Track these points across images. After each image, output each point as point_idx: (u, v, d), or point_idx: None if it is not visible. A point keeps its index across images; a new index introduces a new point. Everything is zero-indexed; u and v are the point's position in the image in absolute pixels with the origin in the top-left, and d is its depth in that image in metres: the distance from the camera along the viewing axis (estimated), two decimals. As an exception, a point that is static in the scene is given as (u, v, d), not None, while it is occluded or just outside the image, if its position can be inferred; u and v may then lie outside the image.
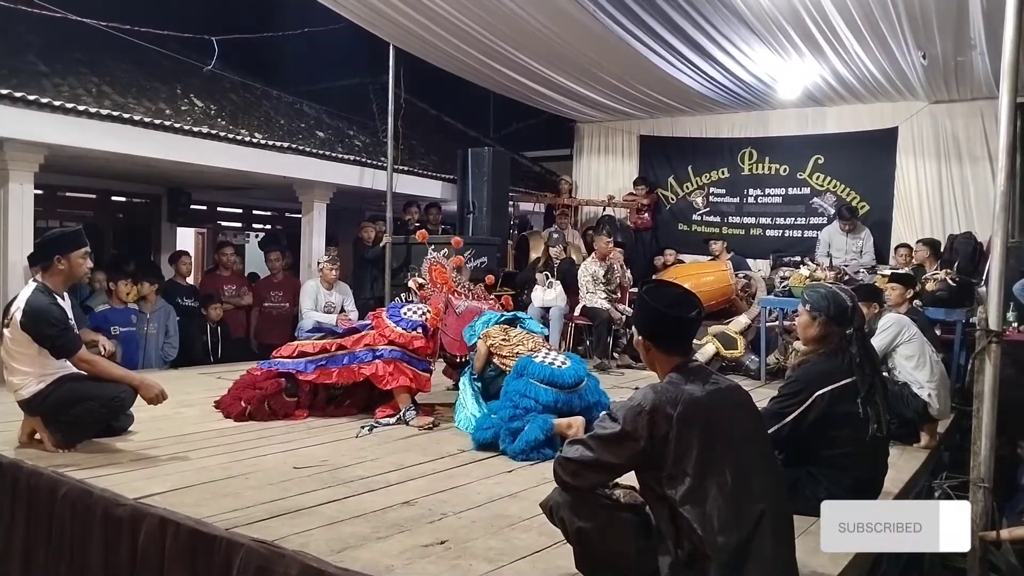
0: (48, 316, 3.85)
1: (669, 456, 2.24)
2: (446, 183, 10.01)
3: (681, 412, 2.24)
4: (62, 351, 3.92)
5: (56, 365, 3.98)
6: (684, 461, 2.23)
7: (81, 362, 3.97)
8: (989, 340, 3.69)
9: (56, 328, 3.87)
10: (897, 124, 8.95)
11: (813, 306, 3.40)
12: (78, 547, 3.31)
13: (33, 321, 3.84)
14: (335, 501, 3.32)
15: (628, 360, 7.93)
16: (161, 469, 3.73)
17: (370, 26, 7.83)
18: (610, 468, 2.32)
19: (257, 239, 12.24)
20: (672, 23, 6.88)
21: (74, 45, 7.39)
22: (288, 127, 8.83)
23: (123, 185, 9.59)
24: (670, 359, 2.43)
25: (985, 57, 6.75)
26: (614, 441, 2.27)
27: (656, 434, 2.24)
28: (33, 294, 3.92)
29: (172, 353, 6.90)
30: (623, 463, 2.30)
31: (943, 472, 5.48)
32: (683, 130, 10.47)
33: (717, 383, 2.42)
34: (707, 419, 2.27)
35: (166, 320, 6.91)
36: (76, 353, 3.94)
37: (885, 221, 9.04)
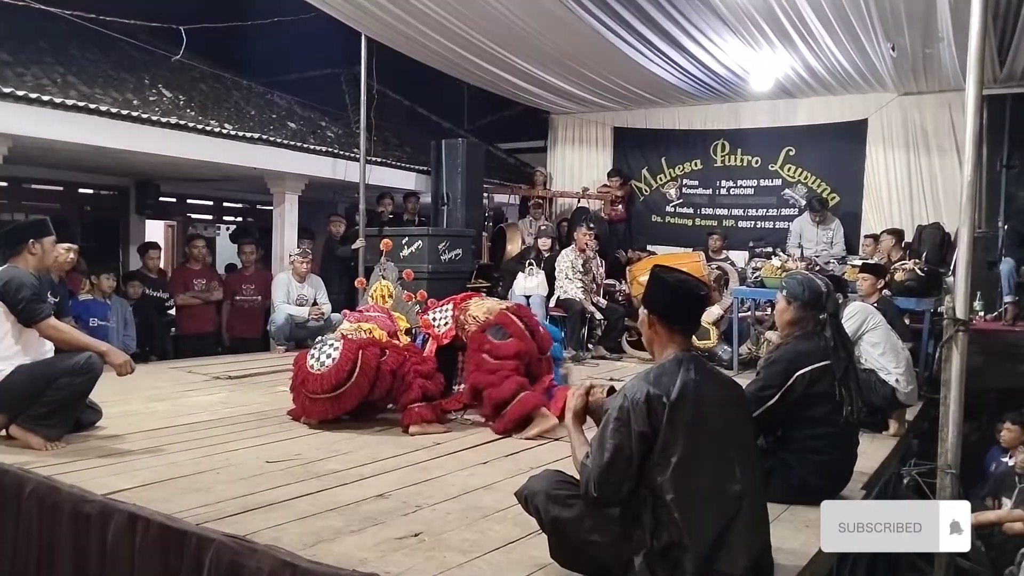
0: (23, 281, 3.88)
1: (658, 443, 2.26)
2: (420, 175, 9.96)
3: (673, 402, 2.26)
4: (33, 315, 3.88)
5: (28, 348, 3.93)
6: (671, 449, 2.25)
7: (50, 328, 3.95)
8: (957, 329, 3.75)
9: (30, 291, 3.88)
10: (867, 116, 9.04)
11: (789, 292, 3.47)
12: (46, 545, 3.25)
13: (7, 287, 3.83)
14: (308, 495, 3.29)
15: (603, 351, 7.95)
16: (130, 464, 3.67)
17: (342, 16, 7.75)
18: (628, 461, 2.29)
19: (228, 232, 12.10)
20: (645, 15, 6.90)
21: (39, 34, 7.25)
22: (259, 118, 8.73)
23: (90, 177, 9.43)
24: (672, 339, 2.46)
25: (952, 49, 6.84)
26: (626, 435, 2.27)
27: (654, 422, 2.26)
28: (4, 269, 3.94)
29: (132, 344, 6.81)
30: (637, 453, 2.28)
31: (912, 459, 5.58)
32: (656, 122, 10.50)
33: (710, 374, 2.44)
34: (696, 410, 2.29)
35: (124, 312, 6.86)
36: (47, 319, 3.93)
37: (855, 212, 9.14)
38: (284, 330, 7.55)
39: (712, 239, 9.22)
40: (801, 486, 3.20)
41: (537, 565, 2.60)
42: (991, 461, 6.06)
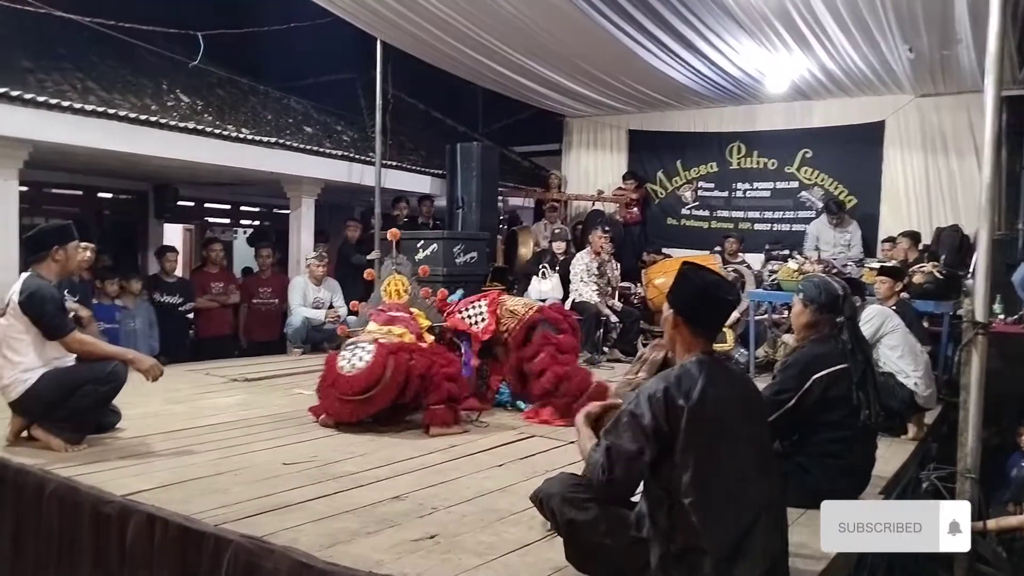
0: (47, 294, 3.90)
1: (678, 445, 2.24)
2: (435, 178, 9.99)
3: (693, 405, 2.24)
4: (57, 330, 3.92)
5: (49, 356, 3.96)
6: (691, 452, 2.23)
7: (75, 342, 3.97)
8: (976, 332, 3.72)
9: (53, 305, 3.91)
10: (884, 118, 8.98)
11: (806, 295, 3.46)
12: (67, 545, 3.29)
13: (31, 300, 3.85)
14: (324, 497, 3.31)
15: (618, 354, 7.94)
16: (149, 466, 3.71)
17: (357, 21, 7.80)
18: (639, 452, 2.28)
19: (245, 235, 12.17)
20: (660, 18, 6.89)
21: (59, 41, 7.33)
22: (275, 122, 8.78)
23: (109, 181, 9.52)
24: (695, 341, 2.43)
25: (971, 51, 6.78)
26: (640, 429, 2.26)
27: (671, 421, 2.24)
28: (29, 279, 3.96)
29: (156, 347, 6.89)
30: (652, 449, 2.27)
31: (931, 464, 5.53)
32: (672, 124, 10.48)
33: (731, 377, 2.43)
34: (716, 413, 2.27)
35: (149, 315, 6.96)
36: (71, 333, 3.96)
37: (872, 214, 9.08)
38: (300, 333, 7.62)
39: (728, 242, 9.18)
40: (818, 490, 3.16)
41: (553, 568, 2.60)
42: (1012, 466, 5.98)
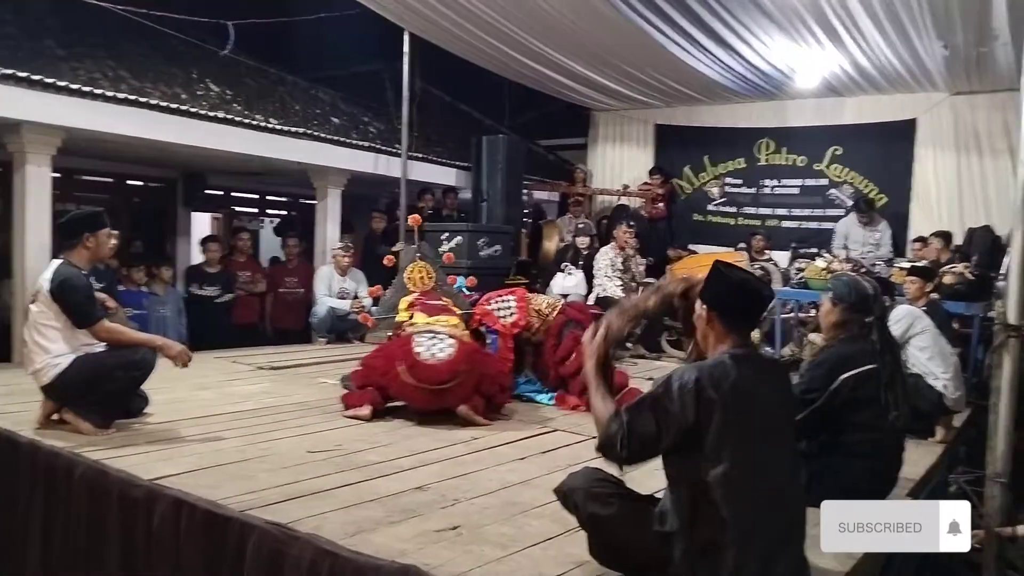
0: (77, 282, 3.95)
1: (709, 438, 2.20)
2: (460, 171, 9.99)
3: (725, 397, 2.21)
4: (87, 319, 3.97)
5: (78, 342, 4.01)
6: (723, 446, 2.19)
7: (103, 331, 4.02)
8: (1008, 335, 3.65)
9: (84, 294, 3.97)
10: (916, 115, 8.86)
11: (836, 294, 3.43)
12: (95, 527, 3.34)
13: (62, 288, 3.90)
14: (349, 485, 3.33)
15: (642, 350, 7.91)
16: (177, 451, 3.75)
17: (387, 12, 7.82)
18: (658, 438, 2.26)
19: (271, 225, 12.27)
20: (690, 11, 6.83)
21: (91, 29, 7.40)
22: (303, 113, 8.82)
23: (139, 169, 9.62)
24: (728, 337, 2.39)
25: (1008, 48, 6.66)
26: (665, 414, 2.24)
27: (701, 414, 2.21)
28: (60, 267, 4.01)
29: (184, 333, 6.99)
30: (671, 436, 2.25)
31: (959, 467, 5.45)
32: (699, 119, 10.39)
33: (764, 371, 2.40)
34: (750, 407, 2.25)
35: (178, 302, 7.08)
36: (100, 322, 4.01)
37: (903, 213, 8.97)
38: (326, 322, 7.70)
39: (755, 239, 9.09)
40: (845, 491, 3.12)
41: (575, 562, 2.60)
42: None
